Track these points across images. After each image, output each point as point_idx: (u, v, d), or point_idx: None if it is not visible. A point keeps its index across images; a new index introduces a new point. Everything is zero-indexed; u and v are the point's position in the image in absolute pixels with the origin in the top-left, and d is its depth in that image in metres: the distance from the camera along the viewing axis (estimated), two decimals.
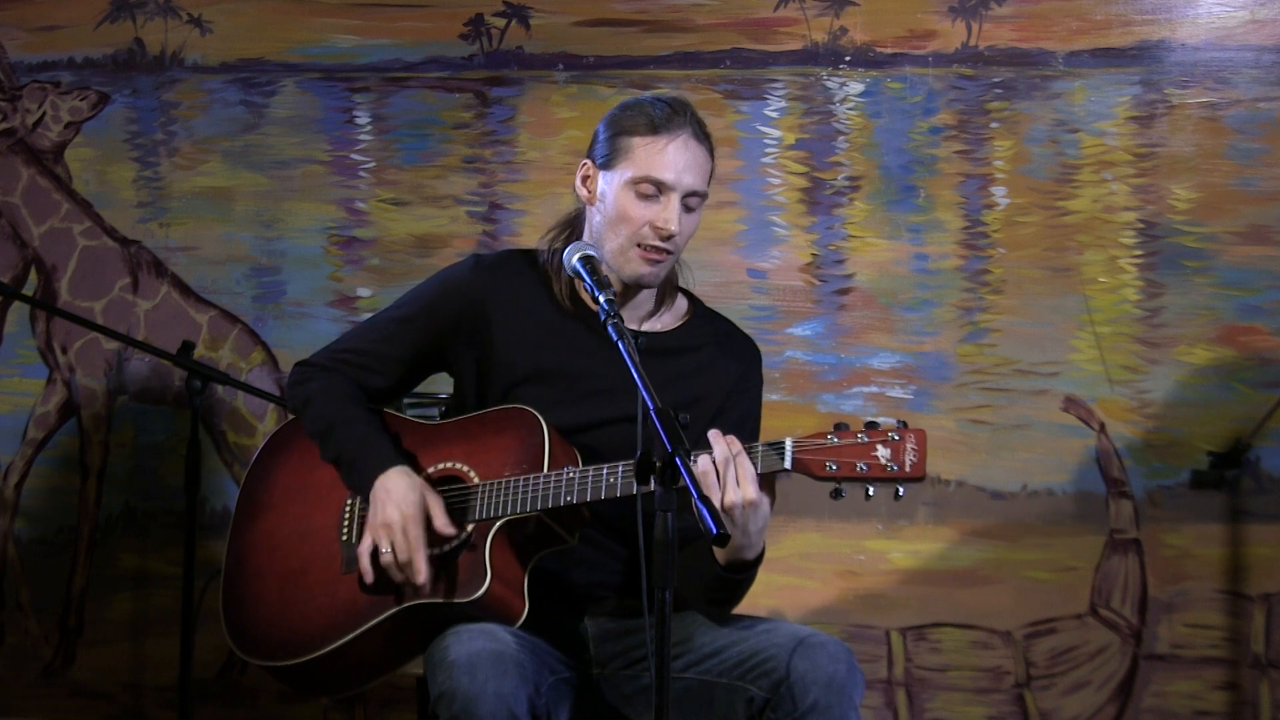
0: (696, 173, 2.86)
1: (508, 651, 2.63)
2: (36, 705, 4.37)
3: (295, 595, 2.88)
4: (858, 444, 2.58)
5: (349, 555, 2.86)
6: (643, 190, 2.85)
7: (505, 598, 2.74)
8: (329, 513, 2.93)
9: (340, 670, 2.85)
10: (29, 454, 4.40)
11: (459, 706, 2.57)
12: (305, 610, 2.86)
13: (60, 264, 4.39)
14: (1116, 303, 4.05)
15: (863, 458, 2.57)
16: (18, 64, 4.43)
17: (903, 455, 2.56)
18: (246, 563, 2.97)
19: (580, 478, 2.72)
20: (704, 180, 2.89)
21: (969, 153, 4.11)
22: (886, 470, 2.56)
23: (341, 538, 2.90)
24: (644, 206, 2.85)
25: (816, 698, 2.65)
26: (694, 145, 2.86)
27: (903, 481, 2.56)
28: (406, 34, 4.30)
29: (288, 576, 2.91)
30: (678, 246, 2.89)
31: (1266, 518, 3.99)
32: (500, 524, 2.76)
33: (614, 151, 2.88)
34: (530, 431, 2.81)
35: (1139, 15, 4.06)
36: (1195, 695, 4.00)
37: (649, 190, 2.85)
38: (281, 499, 2.99)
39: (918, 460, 2.56)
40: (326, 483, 2.94)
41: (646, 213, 2.85)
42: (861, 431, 2.58)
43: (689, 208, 2.87)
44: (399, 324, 3.01)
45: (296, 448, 3.02)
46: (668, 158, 2.84)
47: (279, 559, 2.94)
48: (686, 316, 3.02)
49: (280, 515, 2.98)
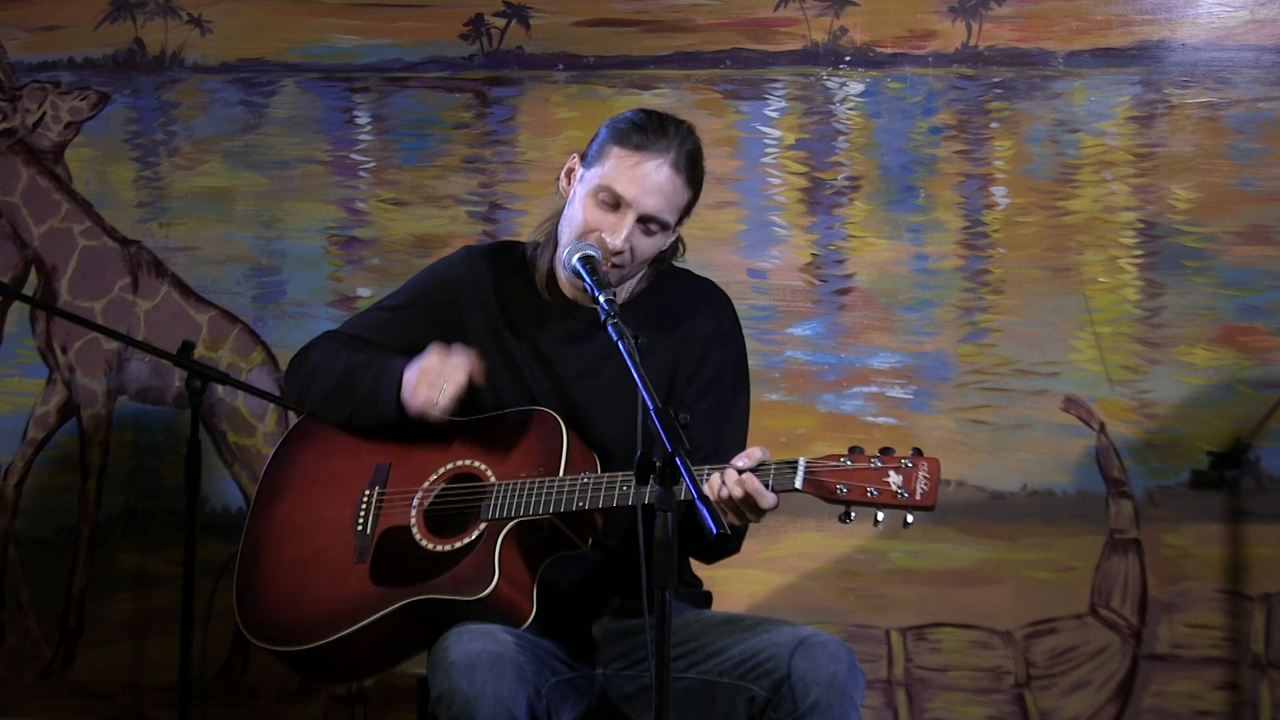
0: (661, 199, 2.82)
1: (507, 653, 2.63)
2: (36, 705, 4.36)
3: (306, 582, 2.89)
4: (870, 469, 2.58)
5: (362, 545, 2.87)
6: (602, 198, 2.84)
7: (512, 598, 2.74)
8: (346, 503, 2.94)
9: (345, 659, 2.86)
10: (29, 454, 4.40)
11: (458, 708, 2.58)
12: (316, 598, 2.86)
13: (60, 264, 4.39)
14: (1116, 303, 4.05)
15: (874, 483, 2.57)
16: (18, 64, 4.43)
17: (914, 483, 2.56)
18: (262, 548, 2.98)
19: (595, 484, 2.72)
20: (669, 209, 2.84)
21: (969, 153, 4.11)
22: (897, 497, 2.56)
23: (356, 528, 2.90)
24: (598, 214, 2.84)
25: (818, 697, 2.65)
26: (668, 173, 2.82)
27: (912, 509, 2.57)
28: (406, 34, 4.30)
29: (300, 563, 2.92)
30: (625, 263, 2.86)
31: (1266, 518, 3.98)
32: (512, 525, 2.76)
33: (597, 154, 2.88)
34: (550, 434, 2.82)
35: (1139, 15, 4.06)
36: (1195, 695, 4.00)
37: (607, 199, 2.83)
38: (300, 487, 3.00)
39: (929, 489, 2.56)
40: (346, 473, 2.95)
41: (599, 221, 2.84)
42: (875, 456, 2.59)
43: (647, 231, 2.84)
44: (391, 313, 3.03)
45: (318, 437, 3.03)
46: (636, 175, 2.81)
47: (293, 546, 2.95)
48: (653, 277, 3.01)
49: (298, 503, 2.99)
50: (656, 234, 2.86)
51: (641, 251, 2.86)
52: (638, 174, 2.81)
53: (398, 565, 2.82)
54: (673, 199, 2.84)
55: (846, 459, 2.59)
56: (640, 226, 2.83)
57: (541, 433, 2.83)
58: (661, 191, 2.82)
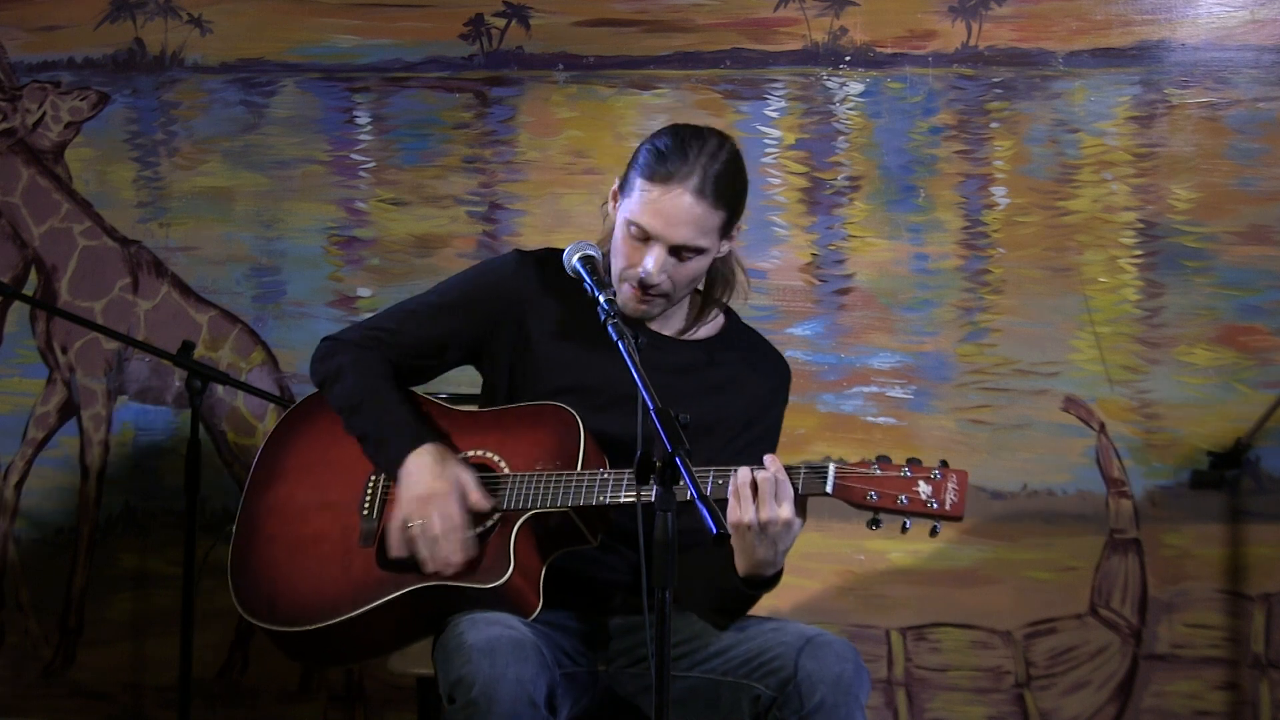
0: (691, 228, 2.79)
1: (526, 639, 2.63)
2: (36, 705, 4.37)
3: (307, 564, 2.87)
4: (900, 478, 2.61)
5: (368, 529, 2.86)
6: (633, 232, 2.83)
7: (523, 590, 2.74)
8: (350, 487, 2.92)
9: (344, 643, 2.85)
10: (29, 454, 4.40)
11: (478, 690, 2.56)
12: (318, 580, 2.85)
13: (60, 264, 4.39)
14: (1116, 303, 4.05)
15: (904, 491, 2.60)
16: (18, 64, 4.43)
17: (944, 494, 2.60)
18: (258, 528, 2.96)
19: (615, 479, 2.72)
20: (701, 235, 2.81)
21: (969, 153, 4.11)
22: (927, 507, 2.59)
23: (362, 512, 2.89)
24: (633, 247, 2.83)
25: (823, 697, 2.65)
26: (690, 201, 2.78)
27: (941, 519, 2.60)
28: (406, 34, 4.30)
29: (300, 545, 2.90)
30: (665, 292, 2.85)
31: (1266, 518, 3.99)
32: (527, 516, 2.76)
33: (627, 183, 2.86)
34: (567, 429, 2.81)
35: (1139, 15, 4.06)
36: (1195, 695, 4.00)
37: (638, 233, 2.82)
38: (300, 469, 2.98)
39: (958, 500, 2.59)
40: (350, 458, 2.93)
41: (635, 254, 2.83)
42: (905, 466, 2.62)
43: (683, 257, 2.83)
44: (436, 310, 2.99)
45: (318, 421, 3.01)
46: (659, 208, 2.79)
47: (293, 527, 2.93)
48: (719, 331, 3.01)
49: (297, 485, 2.97)
50: (693, 259, 2.84)
51: (682, 278, 2.86)
52: (661, 207, 2.79)
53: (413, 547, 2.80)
54: (702, 224, 2.81)
55: (875, 467, 2.62)
56: (673, 256, 2.82)
57: (558, 427, 2.82)
58: (690, 221, 2.79)
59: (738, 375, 2.96)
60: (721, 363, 2.96)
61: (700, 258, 2.85)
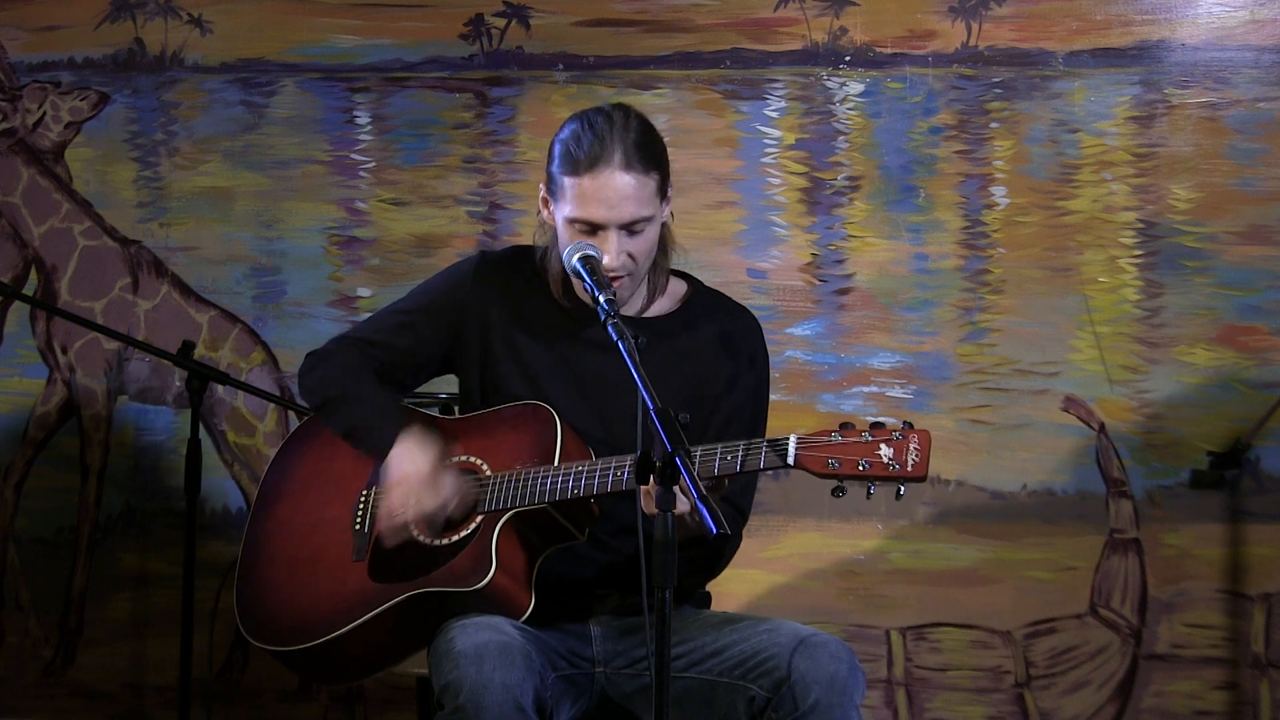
0: (631, 203, 2.81)
1: (514, 643, 2.64)
2: (36, 705, 4.37)
3: (305, 582, 2.90)
4: (861, 442, 2.57)
5: (360, 544, 2.88)
6: (579, 228, 2.83)
7: (510, 590, 2.75)
8: (344, 504, 2.95)
9: (344, 658, 2.87)
10: (29, 454, 4.40)
11: (465, 696, 2.57)
12: (314, 597, 2.87)
13: (60, 264, 4.39)
14: (1116, 303, 4.05)
15: (865, 456, 2.56)
16: (18, 64, 4.43)
17: (905, 455, 2.55)
18: (261, 549, 2.99)
19: (589, 470, 2.72)
20: (644, 205, 2.82)
21: (969, 153, 4.11)
22: (888, 469, 2.55)
23: (355, 527, 2.91)
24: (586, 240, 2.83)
25: (818, 697, 2.65)
26: (622, 176, 2.79)
27: (904, 481, 2.55)
28: (406, 34, 4.30)
29: (299, 564, 2.93)
30: (629, 269, 2.86)
31: (1266, 518, 3.99)
32: (508, 516, 2.77)
33: (553, 185, 2.87)
34: (544, 426, 2.82)
35: (1139, 15, 4.06)
36: (1195, 695, 4.00)
37: (584, 228, 2.83)
38: (300, 488, 3.01)
39: (920, 460, 2.54)
40: (346, 474, 2.96)
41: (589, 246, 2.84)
42: (866, 430, 2.58)
43: (634, 231, 2.83)
44: (404, 317, 3.02)
45: (319, 439, 3.04)
46: (596, 197, 2.80)
47: (292, 547, 2.96)
48: (685, 299, 3.01)
49: (297, 504, 3.00)
50: (644, 229, 2.85)
51: (641, 252, 2.87)
52: (596, 194, 2.80)
53: (396, 561, 2.82)
54: (641, 194, 2.82)
55: (837, 434, 2.59)
56: (624, 232, 2.83)
57: (536, 425, 2.84)
58: (628, 196, 2.81)
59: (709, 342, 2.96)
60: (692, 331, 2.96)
61: (650, 225, 2.86)
